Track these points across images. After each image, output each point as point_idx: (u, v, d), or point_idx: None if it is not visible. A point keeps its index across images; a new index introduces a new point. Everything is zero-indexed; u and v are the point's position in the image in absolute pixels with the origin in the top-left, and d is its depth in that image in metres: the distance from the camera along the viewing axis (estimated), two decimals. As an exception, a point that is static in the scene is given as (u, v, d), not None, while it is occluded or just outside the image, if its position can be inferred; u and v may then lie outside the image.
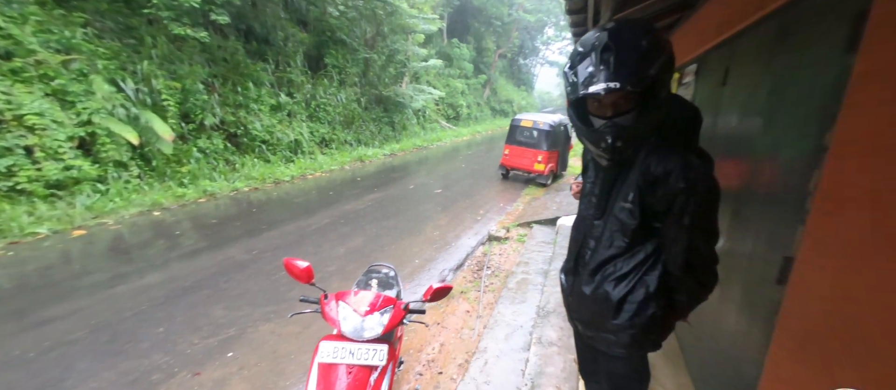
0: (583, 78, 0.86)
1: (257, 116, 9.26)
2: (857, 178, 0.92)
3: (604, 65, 0.82)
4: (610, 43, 0.83)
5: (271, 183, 7.94)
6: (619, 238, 1.00)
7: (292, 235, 5.07)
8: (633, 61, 0.81)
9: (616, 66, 0.81)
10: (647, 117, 0.87)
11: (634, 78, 0.81)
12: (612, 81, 0.81)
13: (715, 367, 1.71)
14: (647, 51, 0.81)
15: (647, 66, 0.81)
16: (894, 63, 0.84)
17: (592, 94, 0.84)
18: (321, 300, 1.64)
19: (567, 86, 0.92)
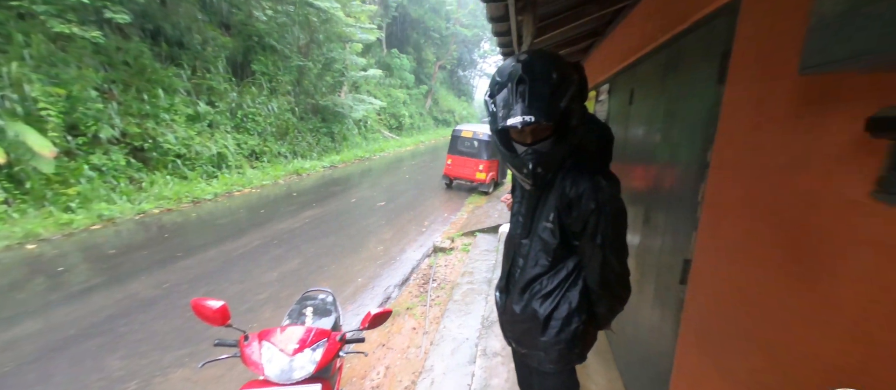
0: (501, 109, 0.91)
1: (170, 127, 8.19)
2: (733, 191, 1.07)
3: (520, 97, 0.88)
4: (523, 75, 0.87)
5: (189, 202, 7.04)
6: (543, 257, 1.05)
7: (215, 262, 4.51)
8: (545, 95, 0.86)
9: (530, 99, 0.86)
10: (564, 143, 0.94)
11: (547, 111, 0.87)
12: (528, 115, 0.86)
13: (639, 362, 1.87)
14: (557, 84, 0.88)
15: (557, 99, 0.88)
16: (752, 94, 1.00)
17: (511, 127, 0.89)
18: (241, 342, 1.44)
19: (488, 114, 0.97)
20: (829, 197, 0.72)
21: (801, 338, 0.79)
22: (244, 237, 5.37)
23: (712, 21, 1.29)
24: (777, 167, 0.88)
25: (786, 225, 0.85)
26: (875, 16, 0.47)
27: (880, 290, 0.62)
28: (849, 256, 0.68)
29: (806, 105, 0.79)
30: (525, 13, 1.57)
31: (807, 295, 0.78)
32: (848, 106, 0.68)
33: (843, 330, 0.69)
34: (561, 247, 1.02)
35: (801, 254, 0.80)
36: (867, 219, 0.64)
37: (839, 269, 0.70)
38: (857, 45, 0.49)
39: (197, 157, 8.39)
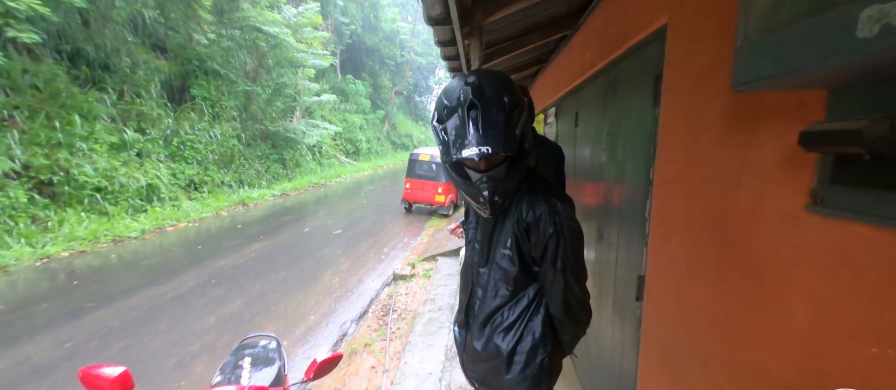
0: (453, 138, 0.85)
1: (89, 158, 7.25)
2: (677, 207, 1.10)
3: (473, 125, 0.82)
4: (474, 100, 0.82)
5: (109, 242, 6.17)
6: (503, 286, 1.00)
7: (137, 311, 3.91)
8: (500, 122, 0.82)
9: (484, 127, 0.81)
10: (519, 167, 0.90)
11: (505, 141, 0.82)
12: (484, 145, 0.81)
13: (604, 384, 1.84)
14: (510, 109, 0.83)
15: (513, 126, 0.84)
16: (686, 114, 1.04)
17: (466, 159, 0.84)
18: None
19: (439, 143, 0.90)
20: (767, 211, 0.74)
21: (755, 355, 0.79)
22: (176, 278, 4.75)
23: (644, 47, 1.37)
24: (716, 183, 0.91)
25: (729, 240, 0.86)
26: (798, 35, 0.47)
27: (824, 304, 0.62)
28: (791, 270, 0.69)
29: (738, 122, 0.82)
30: (472, 38, 1.58)
31: (757, 311, 0.78)
32: (778, 122, 0.71)
33: (795, 346, 0.68)
34: (521, 274, 0.97)
35: (746, 270, 0.81)
36: (804, 232, 0.65)
37: (784, 284, 0.70)
38: (783, 63, 0.50)
39: (121, 190, 7.47)
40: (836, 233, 0.59)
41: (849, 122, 0.49)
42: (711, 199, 0.92)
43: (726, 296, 0.87)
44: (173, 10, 10.15)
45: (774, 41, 0.52)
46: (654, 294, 1.26)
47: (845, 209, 0.56)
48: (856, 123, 0.47)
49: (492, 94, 0.84)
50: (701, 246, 0.97)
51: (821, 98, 0.60)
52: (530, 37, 2.39)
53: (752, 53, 0.56)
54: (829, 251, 0.61)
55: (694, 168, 1.01)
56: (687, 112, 1.03)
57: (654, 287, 1.26)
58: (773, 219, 0.73)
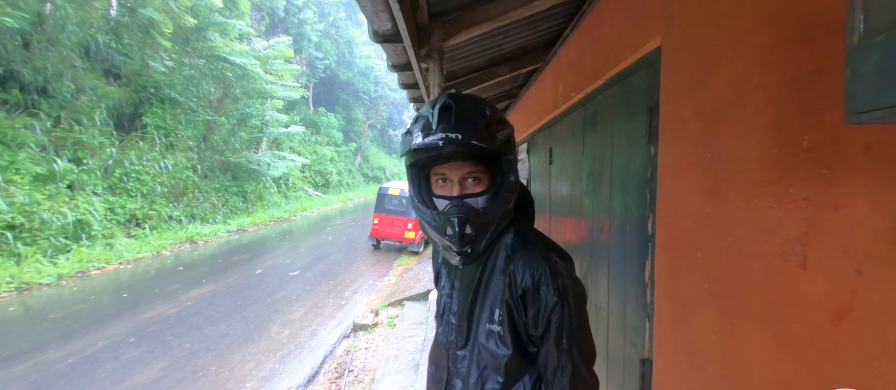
0: (418, 132, 0.68)
1: (4, 191, 6.31)
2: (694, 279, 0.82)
3: (443, 120, 0.66)
4: (450, 102, 0.68)
5: (12, 290, 5.19)
6: (493, 376, 0.72)
7: (20, 383, 3.11)
8: (477, 121, 0.67)
9: (457, 120, 0.66)
10: (500, 199, 0.70)
11: (480, 136, 0.65)
12: (453, 132, 0.64)
13: None
14: (491, 118, 0.69)
15: (492, 130, 0.68)
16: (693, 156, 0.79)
17: (427, 146, 0.65)
18: None
19: (402, 148, 0.73)
20: (860, 310, 0.46)
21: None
22: (86, 336, 3.94)
23: (630, 75, 1.16)
24: (761, 253, 0.64)
25: (796, 345, 0.57)
26: None
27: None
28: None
29: (793, 169, 0.57)
30: (430, 61, 1.33)
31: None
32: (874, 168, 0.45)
33: None
34: (515, 358, 0.71)
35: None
36: None
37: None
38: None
39: (41, 228, 6.49)
40: None
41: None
42: (755, 277, 0.65)
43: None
44: (129, 36, 9.65)
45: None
46: (668, 388, 0.94)
47: None
48: None
49: (471, 101, 0.71)
50: (743, 343, 0.68)
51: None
52: (498, 69, 2.21)
53: (891, 56, 0.30)
54: None
55: (718, 227, 0.74)
56: (701, 151, 0.78)
57: (666, 379, 0.95)
58: (876, 320, 0.45)
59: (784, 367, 0.59)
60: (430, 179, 0.76)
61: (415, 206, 0.77)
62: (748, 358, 0.67)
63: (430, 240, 0.80)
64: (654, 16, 0.98)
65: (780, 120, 0.58)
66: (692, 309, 0.82)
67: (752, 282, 0.65)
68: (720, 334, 0.74)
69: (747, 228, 0.66)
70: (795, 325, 0.57)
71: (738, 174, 0.68)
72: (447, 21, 1.36)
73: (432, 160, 0.72)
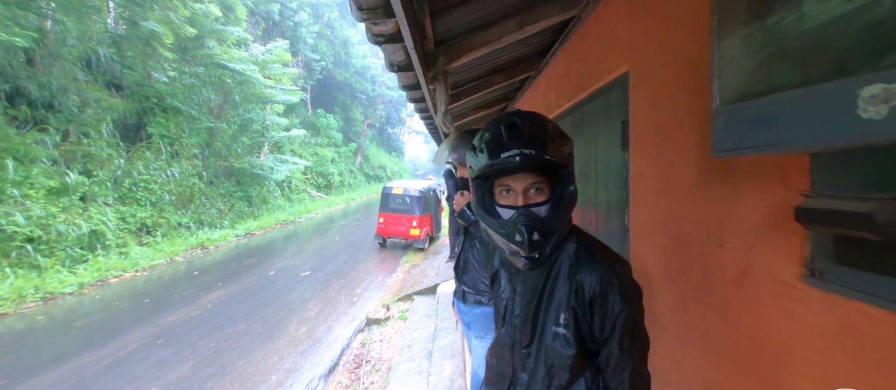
0: (488, 149, 0.73)
1: (21, 205, 6.53)
2: (655, 260, 1.04)
3: (514, 137, 0.72)
4: (516, 120, 0.74)
5: (38, 300, 5.43)
6: (558, 374, 0.81)
7: (62, 385, 3.35)
8: (543, 136, 0.72)
9: (528, 136, 0.72)
10: (562, 210, 0.76)
11: (549, 150, 0.71)
12: (527, 148, 0.70)
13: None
14: (553, 133, 0.74)
15: (558, 144, 0.73)
16: (653, 165, 1.01)
17: (503, 162, 0.71)
18: None
19: (472, 166, 0.78)
20: (758, 274, 0.68)
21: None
22: (115, 340, 4.18)
23: (608, 92, 1.37)
24: (697, 238, 0.86)
25: (718, 302, 0.79)
26: (788, 104, 0.42)
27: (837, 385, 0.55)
28: (791, 343, 0.62)
29: (713, 177, 0.78)
30: (436, 82, 1.54)
31: (756, 383, 0.70)
32: (757, 180, 0.67)
33: (807, 435, 0.60)
34: (579, 357, 0.79)
35: (740, 336, 0.74)
36: (804, 305, 0.59)
37: (785, 358, 0.63)
38: (771, 134, 0.45)
39: (59, 239, 6.72)
40: (846, 312, 0.53)
41: (851, 202, 0.44)
42: (694, 255, 0.87)
43: (725, 364, 0.79)
44: (130, 49, 9.79)
45: (756, 110, 0.47)
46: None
47: (852, 288, 0.50)
48: (863, 205, 0.41)
49: (535, 117, 0.76)
50: (686, 305, 0.91)
51: (803, 162, 0.56)
52: (495, 77, 2.41)
53: (733, 119, 0.51)
54: (839, 332, 0.54)
55: (671, 220, 0.96)
56: (658, 161, 1.00)
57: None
58: (766, 283, 0.67)
59: (710, 318, 0.81)
60: (494, 190, 0.80)
61: (480, 216, 0.81)
62: (691, 317, 0.89)
63: (494, 246, 0.85)
64: (623, 45, 1.19)
65: (702, 140, 0.79)
66: (657, 286, 1.05)
67: (692, 260, 0.87)
68: (674, 304, 0.96)
69: (687, 220, 0.88)
70: (717, 287, 0.79)
71: (681, 178, 0.89)
72: (451, 46, 1.57)
73: (498, 172, 0.76)
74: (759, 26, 0.46)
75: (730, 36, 0.51)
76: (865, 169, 0.45)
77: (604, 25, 1.34)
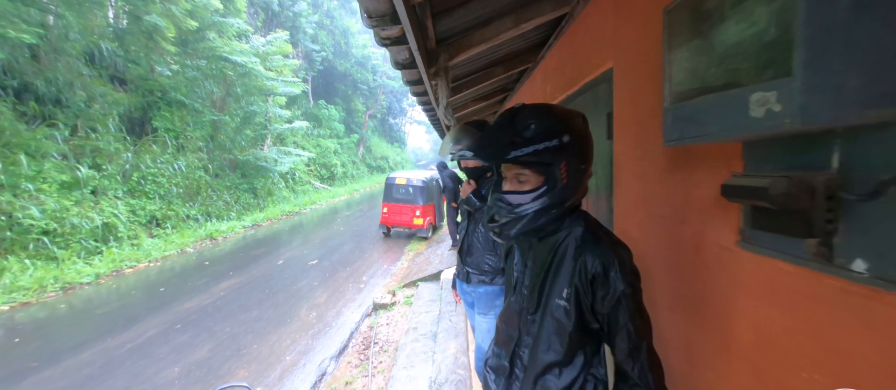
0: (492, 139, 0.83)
1: (35, 199, 6.73)
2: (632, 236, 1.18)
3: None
4: (504, 116, 0.83)
5: (58, 290, 5.66)
6: (556, 341, 0.88)
7: (90, 367, 3.57)
8: (503, 138, 0.80)
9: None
10: (539, 200, 0.81)
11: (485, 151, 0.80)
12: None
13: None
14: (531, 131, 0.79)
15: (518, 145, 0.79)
16: (632, 153, 1.13)
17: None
18: None
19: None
20: (709, 244, 0.82)
21: (710, 376, 0.84)
22: (135, 326, 4.40)
23: (596, 86, 1.48)
24: (665, 216, 0.99)
25: (680, 269, 0.93)
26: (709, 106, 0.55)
27: (763, 333, 0.69)
28: (732, 300, 0.76)
29: (677, 164, 0.91)
30: (438, 78, 1.65)
31: (708, 335, 0.84)
32: (708, 166, 0.80)
33: (744, 371, 0.74)
34: (577, 331, 0.85)
35: (696, 297, 0.88)
36: (740, 265, 0.73)
37: (729, 312, 0.77)
38: (700, 127, 0.57)
39: (73, 232, 6.94)
40: (766, 269, 0.66)
41: (756, 179, 0.56)
42: (662, 232, 1.00)
43: (682, 322, 0.94)
44: (133, 43, 9.85)
45: (691, 108, 0.59)
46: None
47: (768, 248, 0.63)
48: (760, 181, 0.54)
49: (522, 113, 0.82)
50: (655, 273, 1.04)
51: (738, 149, 0.68)
52: (494, 70, 2.51)
53: (676, 115, 0.64)
54: (762, 284, 0.68)
55: (646, 201, 1.09)
56: (636, 150, 1.13)
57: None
58: (714, 251, 0.80)
59: (674, 283, 0.95)
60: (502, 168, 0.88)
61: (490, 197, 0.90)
62: (657, 284, 1.03)
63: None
64: (608, 43, 1.30)
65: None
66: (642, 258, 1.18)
67: (661, 235, 1.00)
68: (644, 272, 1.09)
69: (658, 201, 1.01)
70: (680, 258, 0.92)
71: (654, 165, 1.02)
72: (451, 44, 1.68)
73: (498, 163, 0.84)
74: (694, 43, 0.59)
75: (676, 48, 0.63)
76: (768, 154, 0.58)
77: (593, 23, 1.44)
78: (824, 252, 0.53)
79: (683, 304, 0.93)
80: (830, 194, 0.49)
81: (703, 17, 0.56)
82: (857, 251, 0.49)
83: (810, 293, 0.58)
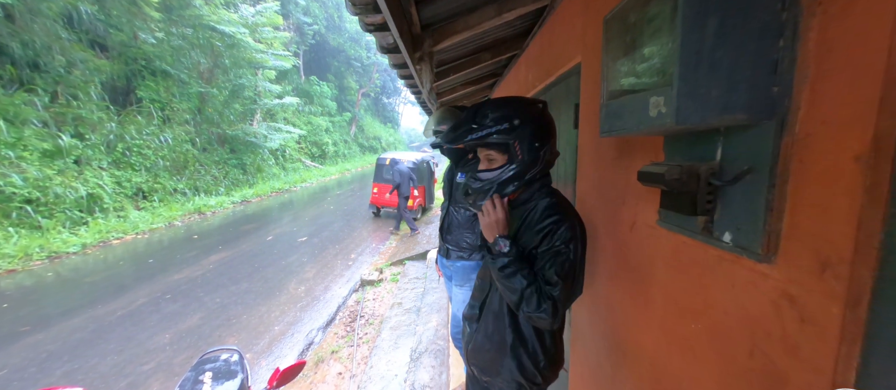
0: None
1: (16, 166, 6.61)
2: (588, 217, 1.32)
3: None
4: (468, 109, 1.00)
5: (44, 259, 5.68)
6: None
7: (82, 332, 3.67)
8: (463, 125, 0.98)
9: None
10: (508, 174, 0.97)
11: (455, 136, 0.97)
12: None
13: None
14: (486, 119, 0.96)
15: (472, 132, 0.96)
16: (591, 142, 1.26)
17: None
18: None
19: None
20: (640, 223, 0.95)
21: (635, 334, 1.00)
22: (125, 295, 4.49)
23: (568, 78, 1.59)
24: (612, 198, 1.12)
25: (619, 245, 1.07)
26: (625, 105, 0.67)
27: (668, 294, 0.84)
28: (651, 269, 0.90)
29: (622, 152, 1.04)
30: (422, 63, 1.73)
31: (635, 300, 0.99)
32: (641, 154, 0.93)
33: (655, 325, 0.90)
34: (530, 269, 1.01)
35: (629, 268, 1.02)
36: (657, 240, 0.86)
37: (648, 279, 0.92)
38: (621, 122, 0.69)
39: (57, 201, 6.87)
40: (673, 242, 0.80)
41: (660, 167, 0.69)
42: (609, 212, 1.14)
43: (618, 290, 1.09)
44: (115, 6, 9.44)
45: (617, 105, 0.71)
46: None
47: (674, 225, 0.77)
48: (661, 168, 0.67)
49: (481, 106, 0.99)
50: (603, 249, 1.19)
51: (661, 142, 0.81)
52: (482, 56, 2.58)
53: (608, 111, 0.76)
54: (670, 255, 0.82)
55: (599, 186, 1.22)
56: (593, 139, 1.25)
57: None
58: (643, 229, 0.94)
59: (615, 255, 1.10)
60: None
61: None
62: (602, 258, 1.17)
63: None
64: (577, 39, 1.40)
65: (616, 124, 1.04)
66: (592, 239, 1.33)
67: (608, 216, 1.14)
68: (598, 252, 1.24)
69: (608, 185, 1.14)
70: (620, 235, 1.06)
71: (606, 154, 1.14)
72: (435, 30, 1.75)
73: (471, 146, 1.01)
74: (621, 50, 0.70)
75: (610, 53, 0.75)
76: (678, 147, 0.71)
77: (567, 18, 1.53)
78: (708, 226, 0.66)
79: (620, 274, 1.08)
80: (709, 180, 0.63)
81: (628, 29, 0.67)
82: (725, 226, 0.63)
83: (699, 260, 0.72)
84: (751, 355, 0.60)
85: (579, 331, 1.49)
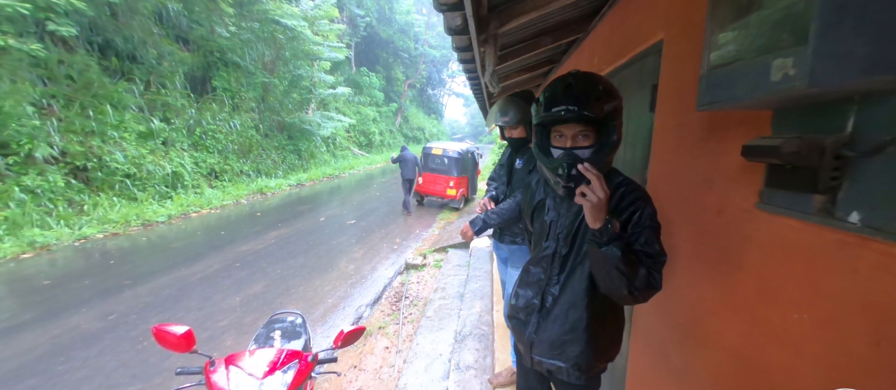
0: (545, 102, 0.97)
1: (119, 145, 7.67)
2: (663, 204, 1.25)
3: (566, 94, 0.94)
4: (571, 81, 0.95)
5: (139, 225, 6.56)
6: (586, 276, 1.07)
7: (169, 289, 4.22)
8: (589, 94, 0.93)
9: (576, 96, 0.93)
10: (602, 153, 0.96)
11: (590, 107, 0.91)
12: (572, 105, 0.92)
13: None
14: (602, 93, 0.94)
15: (602, 102, 0.93)
16: (671, 123, 1.18)
17: (553, 114, 0.95)
18: (206, 369, 1.40)
19: (534, 113, 1.03)
20: (731, 207, 0.89)
21: (713, 325, 0.94)
22: (203, 261, 5.07)
23: (644, 58, 1.50)
24: (695, 182, 1.05)
25: (702, 230, 1.01)
26: (738, 72, 0.62)
27: (766, 283, 0.78)
28: (744, 256, 0.84)
29: (711, 132, 0.97)
30: (487, 45, 1.73)
31: (717, 289, 0.93)
32: (740, 133, 0.86)
33: (744, 317, 0.84)
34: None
35: (711, 255, 0.96)
36: (754, 225, 0.80)
37: (738, 266, 0.86)
38: (729, 92, 0.65)
39: (149, 177, 7.88)
40: (776, 226, 0.74)
41: (772, 139, 0.63)
42: (689, 197, 1.07)
43: (697, 279, 1.02)
44: (197, 3, 10.46)
45: (724, 74, 0.66)
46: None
47: (780, 206, 0.71)
48: (776, 141, 0.61)
49: (587, 79, 0.96)
50: (679, 236, 1.12)
51: (767, 116, 0.74)
52: (542, 39, 2.51)
53: (710, 81, 0.71)
54: (771, 241, 0.76)
55: (679, 170, 1.15)
56: (674, 120, 1.17)
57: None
58: (735, 213, 0.87)
59: (694, 242, 1.03)
60: (551, 134, 1.02)
61: (536, 153, 1.02)
62: (678, 243, 1.11)
63: (543, 179, 1.09)
64: (660, 15, 1.31)
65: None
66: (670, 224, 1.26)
67: (688, 201, 1.07)
68: (671, 236, 1.17)
69: (690, 169, 1.07)
70: (705, 219, 1.00)
71: (690, 134, 1.07)
72: (502, 11, 1.73)
73: (554, 121, 0.98)
74: (733, 15, 0.65)
75: (717, 20, 0.69)
76: (793, 121, 0.65)
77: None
78: (828, 206, 0.60)
79: (699, 261, 1.02)
80: (837, 153, 0.56)
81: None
82: (854, 204, 0.56)
83: (811, 245, 0.66)
84: (877, 345, 0.54)
85: (641, 322, 1.43)
